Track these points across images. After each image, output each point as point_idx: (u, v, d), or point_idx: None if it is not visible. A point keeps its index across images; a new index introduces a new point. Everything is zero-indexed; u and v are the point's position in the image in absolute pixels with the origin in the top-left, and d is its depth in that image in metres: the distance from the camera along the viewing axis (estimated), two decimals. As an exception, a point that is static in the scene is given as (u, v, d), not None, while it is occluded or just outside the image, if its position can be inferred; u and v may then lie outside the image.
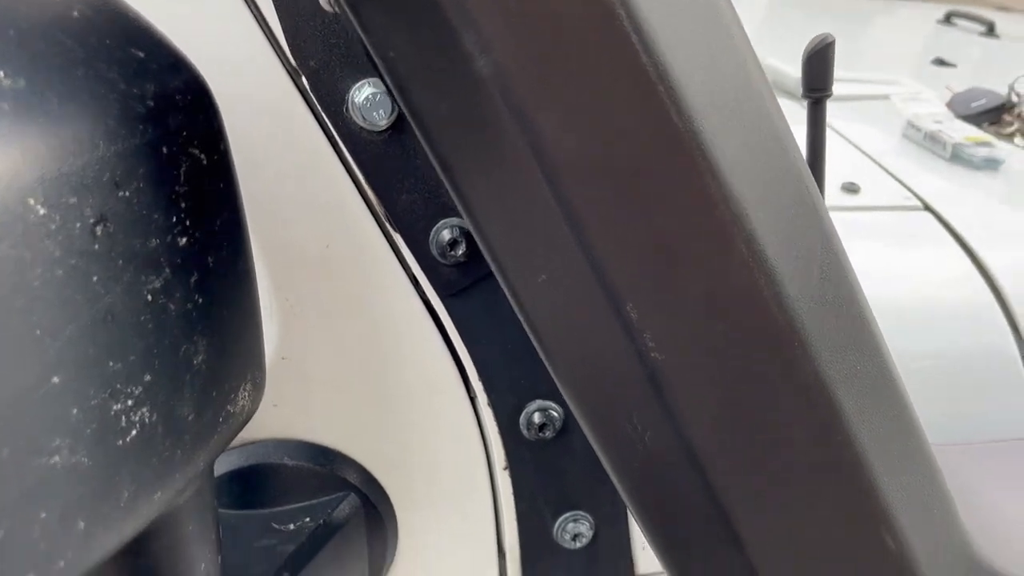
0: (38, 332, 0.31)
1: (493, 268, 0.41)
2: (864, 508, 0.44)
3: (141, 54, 0.37)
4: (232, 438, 0.46)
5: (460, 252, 0.53)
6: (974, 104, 1.19)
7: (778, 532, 0.45)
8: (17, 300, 0.30)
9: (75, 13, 0.36)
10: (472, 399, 0.59)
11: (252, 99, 0.50)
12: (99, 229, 0.33)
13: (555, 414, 0.59)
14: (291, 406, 0.57)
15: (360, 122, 0.50)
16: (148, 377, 0.36)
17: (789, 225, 0.40)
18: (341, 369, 0.57)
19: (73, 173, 0.32)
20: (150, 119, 0.36)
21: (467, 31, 0.34)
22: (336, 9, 0.44)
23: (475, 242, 0.53)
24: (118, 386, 0.35)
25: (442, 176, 0.39)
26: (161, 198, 0.36)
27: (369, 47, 0.37)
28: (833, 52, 0.51)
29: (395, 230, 0.53)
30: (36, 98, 0.32)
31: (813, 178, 0.42)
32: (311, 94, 0.50)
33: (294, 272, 0.54)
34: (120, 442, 0.36)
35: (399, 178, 0.52)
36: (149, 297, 0.36)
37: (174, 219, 0.37)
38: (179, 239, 0.38)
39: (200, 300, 0.39)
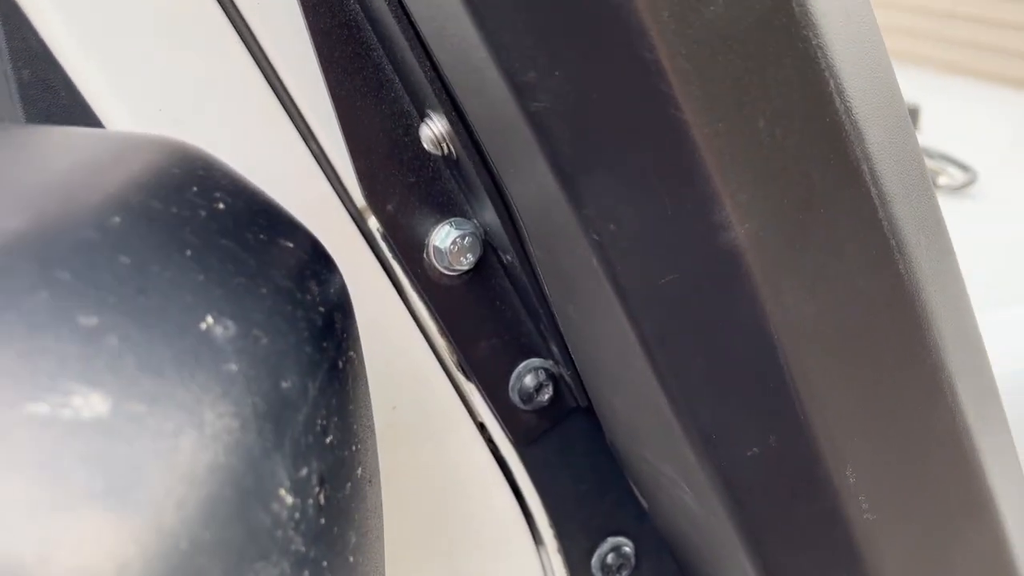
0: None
1: (683, 443, 0.36)
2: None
3: (289, 243, 0.30)
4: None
5: (546, 397, 0.47)
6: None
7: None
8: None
9: (221, 205, 0.27)
10: (538, 546, 0.54)
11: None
12: (322, 498, 0.25)
13: (628, 550, 0.54)
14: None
15: (441, 267, 0.43)
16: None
17: (969, 356, 0.39)
18: (404, 528, 0.49)
19: (300, 434, 0.24)
20: (327, 330, 0.29)
21: (714, 207, 0.30)
22: (446, 151, 0.38)
23: (559, 384, 0.48)
24: None
25: (638, 352, 0.34)
26: (347, 428, 0.29)
27: (576, 220, 0.31)
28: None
29: (470, 379, 0.47)
30: (252, 344, 0.24)
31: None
32: (384, 240, 0.42)
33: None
34: None
35: (480, 323, 0.45)
36: (351, 558, 0.28)
37: (354, 448, 0.30)
38: (357, 472, 0.30)
39: (369, 535, 0.32)
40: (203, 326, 0.23)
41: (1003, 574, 0.42)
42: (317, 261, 0.31)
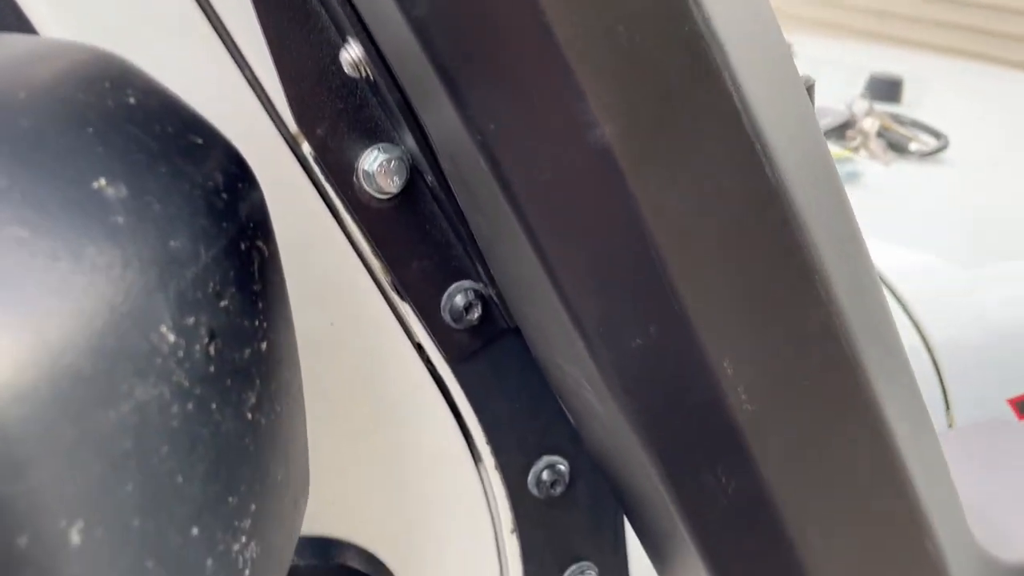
0: (180, 479, 0.27)
1: (569, 336, 0.39)
2: (912, 522, 0.47)
3: (199, 139, 0.33)
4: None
5: (475, 316, 0.51)
6: (821, 122, 1.30)
7: (841, 555, 0.46)
8: (162, 446, 0.26)
9: (132, 100, 0.31)
10: (477, 463, 0.57)
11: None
12: (212, 348, 0.29)
13: (563, 468, 0.58)
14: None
15: (371, 190, 0.46)
16: (253, 506, 0.32)
17: (849, 262, 0.42)
18: (345, 453, 0.53)
19: (187, 289, 0.28)
20: (227, 213, 0.32)
21: (580, 105, 0.33)
22: (364, 74, 0.42)
23: (488, 304, 0.51)
24: (236, 523, 0.31)
25: (526, 244, 0.37)
26: (247, 302, 0.32)
27: (461, 120, 0.34)
28: (813, 95, 0.54)
29: (404, 299, 0.50)
30: (143, 206, 0.27)
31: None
32: (316, 164, 0.46)
33: (301, 354, 0.49)
34: (239, 587, 0.31)
35: (411, 245, 0.49)
36: (249, 415, 0.32)
37: (256, 323, 0.33)
38: (261, 344, 0.34)
39: (279, 408, 0.35)
40: (95, 185, 0.26)
41: (889, 470, 0.45)
42: (230, 165, 0.34)
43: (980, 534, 0.58)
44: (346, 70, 0.43)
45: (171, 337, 0.26)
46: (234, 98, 0.44)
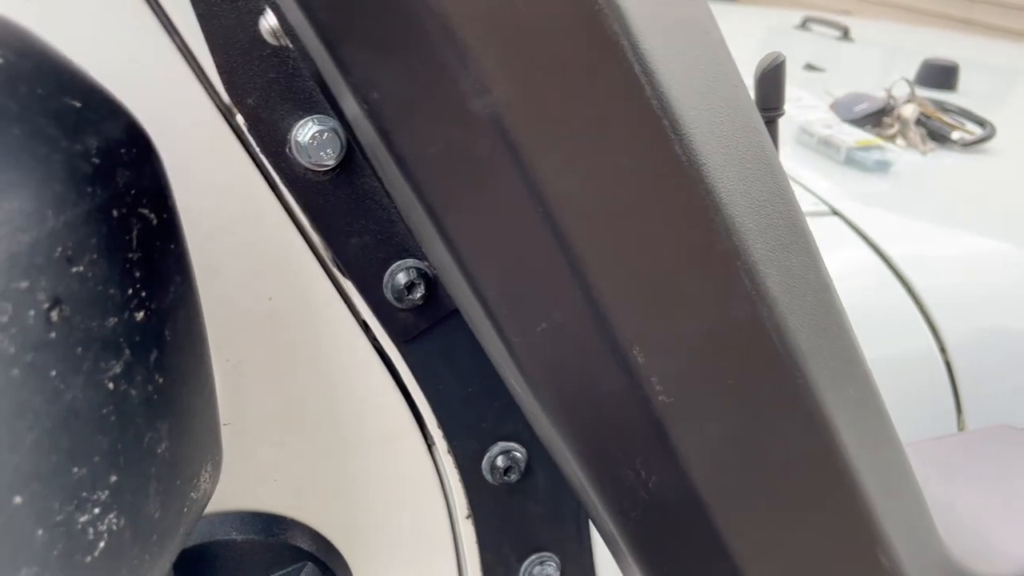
0: (-3, 446, 0.26)
1: (483, 319, 0.38)
2: (861, 531, 0.44)
3: (77, 103, 0.32)
4: (195, 526, 0.41)
5: (418, 295, 0.49)
6: (856, 108, 1.24)
7: (780, 562, 0.44)
8: (-30, 413, 0.25)
9: (0, 60, 0.30)
10: (430, 447, 0.56)
11: (180, 142, 0.45)
12: (54, 314, 0.28)
13: (519, 455, 0.56)
14: (236, 475, 0.52)
15: (305, 163, 0.45)
16: (114, 478, 0.31)
17: (785, 254, 0.39)
18: (289, 429, 0.52)
19: (22, 253, 0.27)
20: (98, 179, 0.31)
21: (465, 71, 0.31)
22: (282, 43, 0.41)
23: (432, 284, 0.50)
24: (84, 494, 0.30)
25: (428, 221, 0.36)
26: (115, 269, 0.32)
27: (348, 88, 0.33)
28: (784, 71, 0.51)
29: (345, 276, 0.49)
30: (-28, 166, 0.26)
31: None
32: (248, 134, 0.45)
33: (235, 330, 0.49)
34: (88, 558, 0.31)
35: (349, 220, 0.48)
36: (111, 385, 0.31)
37: (130, 291, 0.33)
38: (136, 314, 0.33)
39: (161, 380, 0.35)
40: (-81, 142, 0.26)
41: (831, 477, 0.42)
42: (115, 131, 0.34)
43: (961, 545, 0.54)
44: (266, 38, 0.42)
45: (-9, 300, 0.26)
46: (164, 67, 0.44)
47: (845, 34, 2.06)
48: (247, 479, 0.53)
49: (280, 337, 0.50)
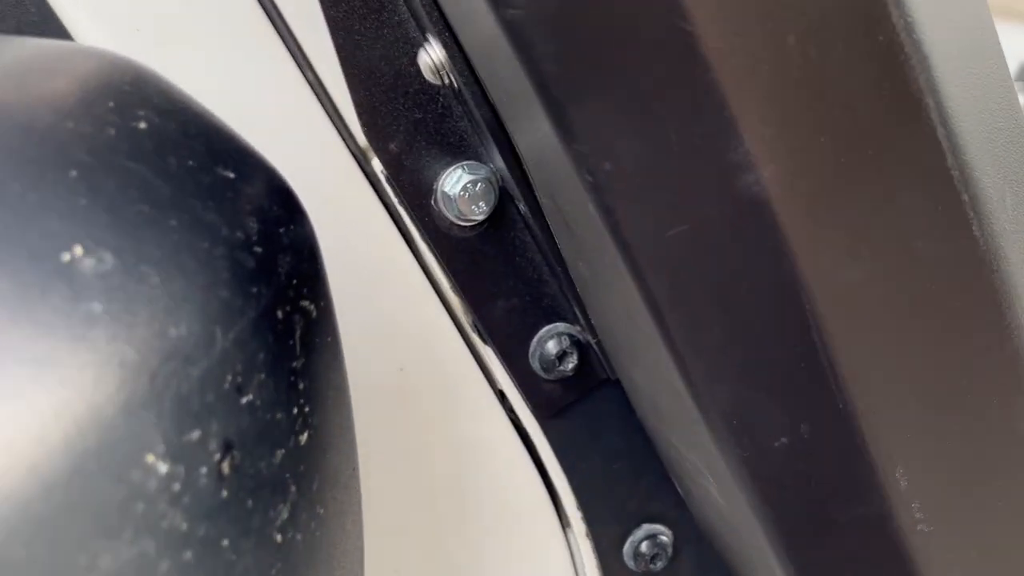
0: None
1: (700, 426, 0.31)
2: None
3: (231, 173, 0.26)
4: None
5: (570, 367, 0.42)
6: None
7: None
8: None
9: (142, 125, 0.24)
10: (564, 528, 0.49)
11: (308, 192, 0.38)
12: (226, 465, 0.22)
13: (665, 539, 0.49)
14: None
15: (452, 217, 0.39)
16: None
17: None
18: (415, 514, 0.46)
19: (193, 391, 0.20)
20: (261, 274, 0.25)
21: (731, 138, 0.24)
22: (447, 81, 0.34)
23: (585, 352, 0.43)
24: None
25: (650, 322, 0.29)
26: (282, 387, 0.25)
27: (570, 158, 0.26)
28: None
29: (486, 342, 0.42)
30: (133, 283, 0.20)
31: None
32: (388, 183, 0.38)
33: (362, 407, 0.42)
34: None
35: (496, 281, 0.41)
36: (279, 537, 0.25)
37: (295, 411, 0.26)
38: (300, 438, 0.26)
39: (324, 511, 0.28)
40: (66, 256, 0.19)
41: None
42: (271, 198, 0.27)
43: None
44: (425, 75, 0.35)
45: (163, 468, 0.19)
46: (291, 104, 0.37)
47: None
48: (372, 570, 0.46)
49: (410, 413, 0.43)
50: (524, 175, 0.36)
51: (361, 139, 0.38)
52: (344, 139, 0.38)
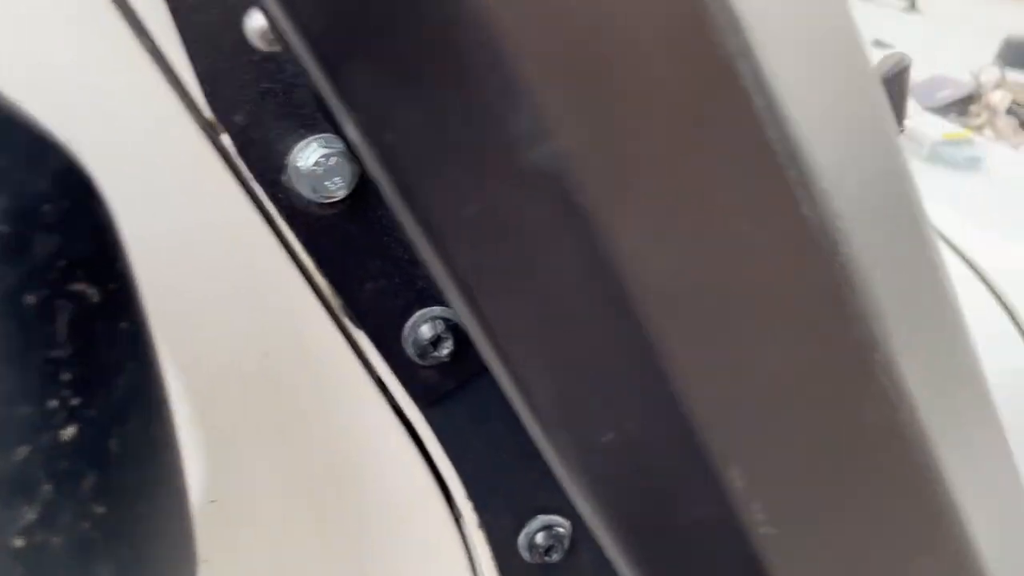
0: None
1: (532, 423, 0.29)
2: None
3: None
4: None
5: (445, 352, 0.40)
6: (939, 95, 1.12)
7: None
8: None
9: None
10: (457, 520, 0.47)
11: (150, 171, 0.36)
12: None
13: (562, 531, 0.47)
14: (226, 559, 0.43)
15: (308, 193, 0.36)
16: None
17: (938, 340, 0.29)
18: (288, 506, 0.44)
19: None
20: (3, 254, 0.22)
21: (518, 111, 0.22)
22: (275, 48, 0.31)
23: (462, 337, 0.41)
24: None
25: (461, 302, 0.27)
26: (32, 377, 0.23)
27: (355, 126, 0.24)
28: (908, 78, 0.40)
29: (358, 327, 0.40)
30: None
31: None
32: (237, 158, 0.36)
33: (223, 394, 0.40)
34: None
35: (362, 262, 0.39)
36: (19, 542, 0.23)
37: (54, 404, 0.24)
38: (62, 432, 0.24)
39: (102, 510, 0.26)
40: None
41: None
42: (33, 172, 0.25)
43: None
44: (253, 41, 0.32)
45: None
46: (128, 75, 0.35)
47: (912, 4, 1.92)
48: (240, 564, 0.44)
49: (278, 400, 0.41)
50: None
51: (208, 111, 0.36)
52: (191, 112, 0.36)
